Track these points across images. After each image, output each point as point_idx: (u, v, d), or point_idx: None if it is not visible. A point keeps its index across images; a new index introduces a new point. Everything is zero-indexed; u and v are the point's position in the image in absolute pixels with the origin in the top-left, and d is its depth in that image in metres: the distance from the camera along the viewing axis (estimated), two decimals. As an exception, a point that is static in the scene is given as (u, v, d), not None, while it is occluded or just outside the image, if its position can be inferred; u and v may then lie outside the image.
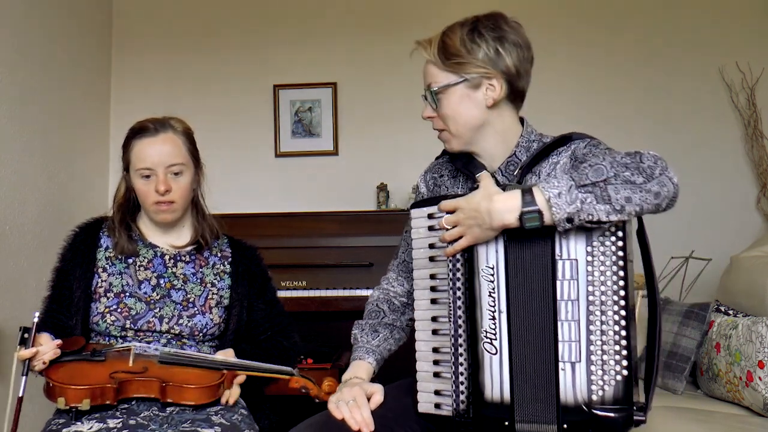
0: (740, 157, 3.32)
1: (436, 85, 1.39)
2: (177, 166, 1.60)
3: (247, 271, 1.73)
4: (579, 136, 1.39)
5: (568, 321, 1.18)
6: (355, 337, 1.56)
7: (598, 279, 1.17)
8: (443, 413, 1.31)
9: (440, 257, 1.32)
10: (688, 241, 3.06)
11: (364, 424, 1.29)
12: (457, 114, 1.39)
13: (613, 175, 1.16)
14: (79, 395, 1.38)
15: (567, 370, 1.18)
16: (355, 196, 3.41)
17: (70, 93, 3.12)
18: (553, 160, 1.38)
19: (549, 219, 1.15)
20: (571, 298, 1.18)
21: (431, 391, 1.33)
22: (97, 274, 1.62)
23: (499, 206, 1.18)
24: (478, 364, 1.23)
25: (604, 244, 1.17)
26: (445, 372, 1.31)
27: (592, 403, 1.17)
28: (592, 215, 1.14)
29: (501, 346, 1.22)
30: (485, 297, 1.23)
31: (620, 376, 1.16)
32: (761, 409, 2.04)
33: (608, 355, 1.17)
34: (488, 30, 1.36)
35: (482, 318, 1.23)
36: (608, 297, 1.17)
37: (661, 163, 1.18)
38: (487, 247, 1.23)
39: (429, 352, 1.34)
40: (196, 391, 1.45)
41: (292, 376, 1.56)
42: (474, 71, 1.35)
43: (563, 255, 1.19)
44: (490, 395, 1.22)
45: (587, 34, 3.42)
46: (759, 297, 2.31)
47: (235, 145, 3.48)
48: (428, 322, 1.35)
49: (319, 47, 3.52)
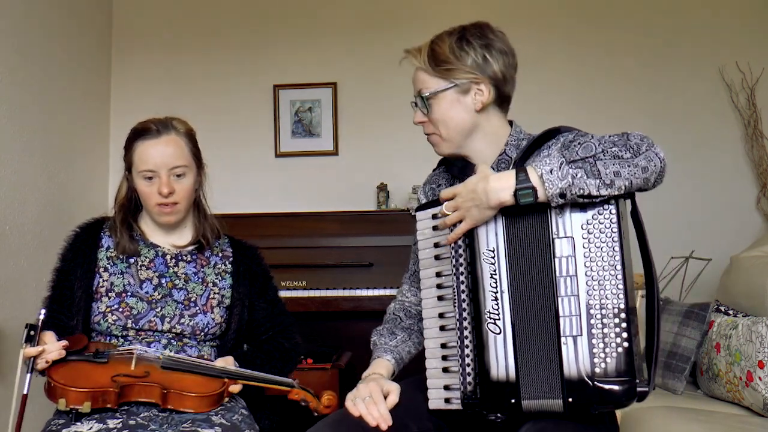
0: (740, 157, 3.32)
1: (427, 90, 1.43)
2: (180, 168, 1.60)
3: (248, 270, 1.73)
4: (567, 129, 1.44)
5: (568, 296, 1.22)
6: (374, 342, 1.59)
7: (595, 254, 1.21)
8: (453, 407, 1.34)
9: (445, 255, 1.36)
10: (688, 241, 3.06)
11: (381, 420, 1.32)
12: (448, 118, 1.43)
13: (601, 151, 1.21)
14: (80, 397, 1.37)
15: (569, 344, 1.21)
16: (355, 196, 3.41)
17: (70, 93, 3.12)
18: (544, 153, 1.41)
19: (543, 195, 1.20)
20: (570, 274, 1.22)
21: (440, 387, 1.36)
22: (99, 274, 1.62)
23: (494, 185, 1.23)
24: (483, 344, 1.26)
25: (598, 220, 1.21)
26: (453, 366, 1.34)
27: (595, 376, 1.19)
28: (583, 189, 1.18)
29: (504, 326, 1.25)
30: (487, 279, 1.26)
31: (621, 348, 1.19)
32: (761, 409, 2.04)
33: (608, 328, 1.20)
34: (475, 38, 1.42)
35: (485, 299, 1.26)
36: (606, 271, 1.20)
37: (647, 140, 1.23)
38: (487, 231, 1.27)
39: (437, 348, 1.37)
40: (197, 400, 1.45)
41: (293, 388, 1.57)
42: (463, 77, 1.41)
43: (560, 233, 1.23)
44: (496, 374, 1.25)
45: (587, 34, 3.42)
46: (759, 297, 2.31)
47: (235, 145, 3.48)
48: (436, 320, 1.38)
49: (319, 47, 3.52)
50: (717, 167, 3.32)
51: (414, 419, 1.37)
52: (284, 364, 1.69)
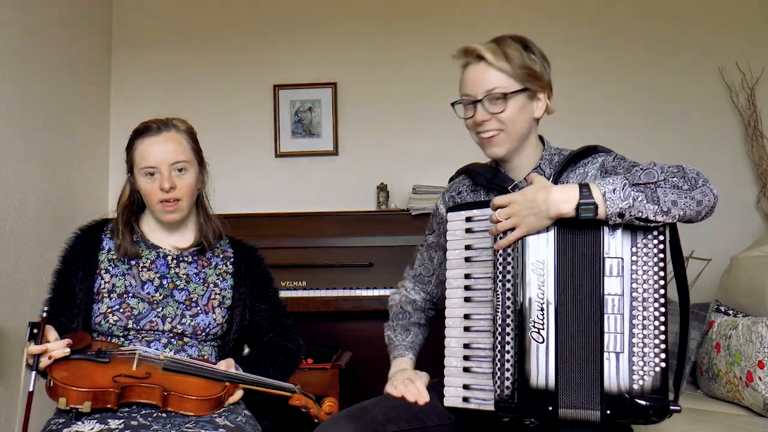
0: (740, 157, 3.32)
1: (503, 89, 1.44)
2: (181, 164, 1.61)
3: (249, 271, 1.73)
4: (603, 149, 1.49)
5: (614, 314, 1.26)
6: (389, 338, 1.68)
7: (641, 277, 1.26)
8: (471, 406, 1.39)
9: (475, 258, 1.42)
10: (688, 241, 3.01)
11: (419, 395, 1.45)
12: (517, 120, 1.46)
13: (663, 179, 1.26)
14: (81, 397, 1.37)
15: (611, 360, 1.26)
16: (355, 196, 3.41)
17: (70, 93, 3.12)
18: (579, 171, 1.47)
19: (603, 212, 1.24)
20: (617, 293, 1.27)
21: (459, 386, 1.41)
22: (100, 276, 1.62)
23: (557, 196, 1.26)
24: (524, 351, 1.29)
25: (647, 245, 1.27)
26: (476, 367, 1.39)
27: (633, 392, 1.25)
28: (642, 213, 1.23)
29: (548, 336, 1.28)
30: (535, 289, 1.29)
31: (659, 367, 1.25)
32: (761, 409, 2.04)
33: (648, 347, 1.25)
34: (534, 47, 1.47)
35: (531, 308, 1.29)
36: (649, 294, 1.26)
37: (703, 176, 1.31)
38: (539, 242, 1.30)
39: (459, 348, 1.42)
40: (197, 403, 1.45)
41: (294, 393, 1.58)
42: (535, 83, 1.45)
43: (610, 253, 1.27)
44: (536, 381, 1.28)
45: (586, 35, 3.42)
46: (759, 297, 2.31)
47: (235, 145, 3.48)
48: (460, 320, 1.43)
49: (319, 47, 3.52)
50: (717, 167, 3.31)
51: (428, 415, 1.43)
52: (288, 366, 1.70)
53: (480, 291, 1.40)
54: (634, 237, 1.27)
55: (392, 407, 1.42)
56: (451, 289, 1.45)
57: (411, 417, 1.41)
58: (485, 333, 1.38)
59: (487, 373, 1.36)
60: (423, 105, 3.41)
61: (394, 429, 1.37)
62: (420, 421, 1.41)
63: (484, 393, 1.37)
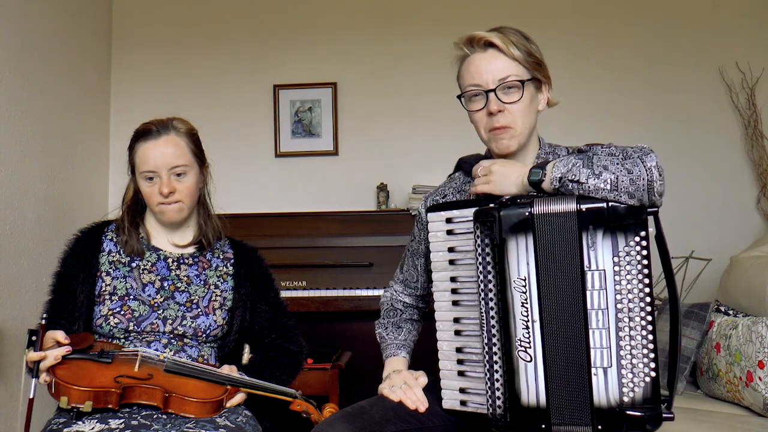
0: (740, 157, 3.32)
1: (517, 77, 1.40)
2: (180, 168, 1.61)
3: (249, 272, 1.73)
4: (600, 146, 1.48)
5: (599, 329, 1.25)
6: (381, 336, 1.65)
7: (625, 287, 1.25)
8: (469, 410, 1.38)
9: (460, 260, 1.39)
10: (688, 241, 3.06)
11: (419, 402, 1.43)
12: (528, 111, 1.44)
13: (600, 151, 1.33)
14: (82, 396, 1.38)
15: (599, 376, 1.25)
16: (355, 196, 3.42)
17: (71, 93, 3.12)
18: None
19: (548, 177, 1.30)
20: (600, 307, 1.25)
21: (456, 389, 1.40)
22: (101, 278, 1.62)
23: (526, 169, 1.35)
24: (513, 370, 1.28)
25: (629, 253, 1.24)
26: (470, 371, 1.38)
27: (624, 405, 1.24)
28: (575, 175, 1.27)
29: (535, 354, 1.27)
30: (518, 307, 1.28)
31: (648, 377, 1.24)
32: (761, 409, 2.04)
33: (637, 359, 1.24)
34: (531, 37, 1.44)
35: (516, 327, 1.28)
36: (635, 304, 1.25)
37: (643, 150, 1.29)
38: (518, 259, 1.28)
39: (452, 351, 1.41)
40: (198, 405, 1.45)
41: (295, 398, 1.58)
42: (543, 73, 1.44)
43: (592, 266, 1.26)
44: (527, 400, 1.28)
45: (586, 35, 3.43)
46: (759, 297, 2.31)
47: (235, 145, 3.48)
48: (450, 323, 1.41)
49: (319, 47, 3.52)
50: (717, 167, 3.32)
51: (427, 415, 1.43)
52: (293, 368, 1.70)
53: (467, 294, 1.38)
54: (615, 245, 1.24)
55: (390, 407, 1.42)
56: (438, 292, 1.43)
57: (409, 417, 1.40)
58: (476, 337, 1.36)
59: (481, 378, 1.35)
60: (423, 105, 3.41)
61: (391, 429, 1.37)
62: (418, 422, 1.41)
63: (480, 397, 1.36)
